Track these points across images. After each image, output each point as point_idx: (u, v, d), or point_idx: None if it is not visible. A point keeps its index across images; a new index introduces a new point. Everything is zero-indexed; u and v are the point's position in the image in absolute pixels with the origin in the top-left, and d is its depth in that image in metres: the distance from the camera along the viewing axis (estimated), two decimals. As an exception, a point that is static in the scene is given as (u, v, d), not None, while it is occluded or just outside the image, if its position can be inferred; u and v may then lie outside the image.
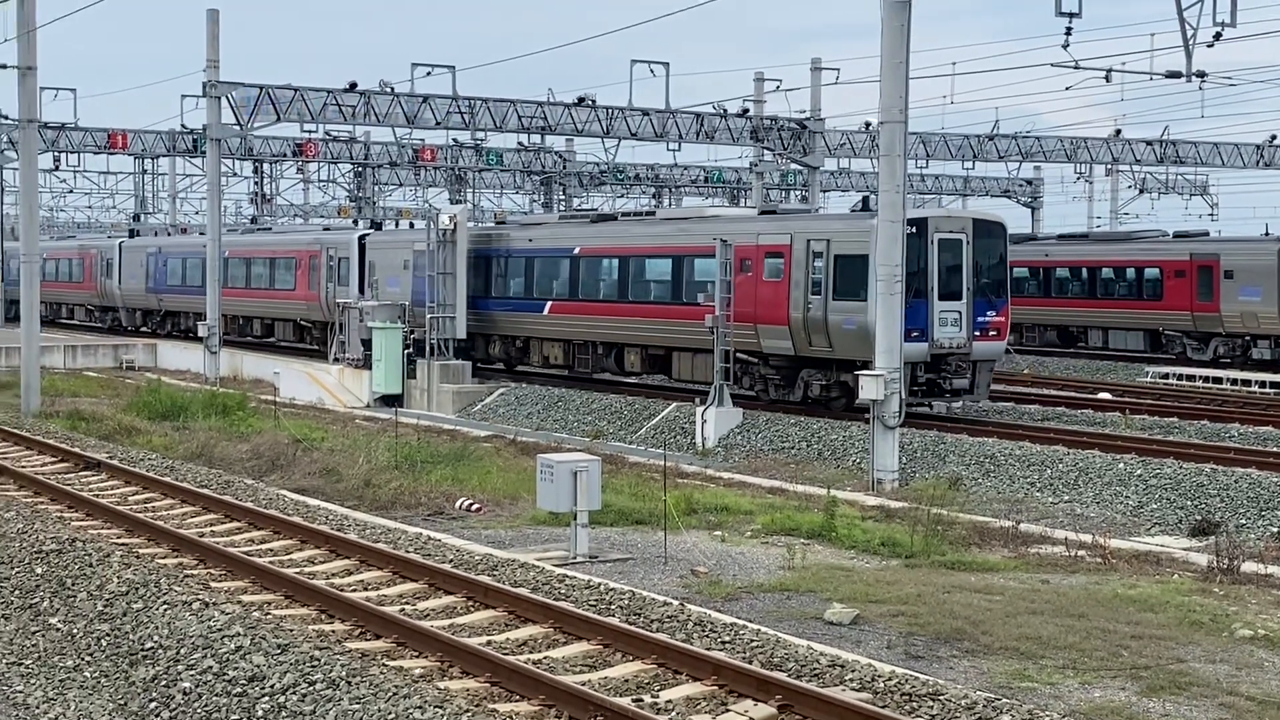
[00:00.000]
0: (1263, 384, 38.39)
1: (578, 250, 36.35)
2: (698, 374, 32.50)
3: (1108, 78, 38.12)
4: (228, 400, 33.26)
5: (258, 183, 64.88)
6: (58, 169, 60.43)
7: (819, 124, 48.85)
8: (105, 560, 15.57)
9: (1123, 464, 23.49)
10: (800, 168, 52.95)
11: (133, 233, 65.12)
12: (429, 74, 42.91)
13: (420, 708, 10.42)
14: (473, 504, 21.56)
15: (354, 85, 42.10)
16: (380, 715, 10.41)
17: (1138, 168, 61.60)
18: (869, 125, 50.55)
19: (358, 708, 10.57)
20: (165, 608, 13.48)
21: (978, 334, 28.82)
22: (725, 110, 47.28)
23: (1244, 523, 20.66)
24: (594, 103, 44.99)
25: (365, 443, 27.39)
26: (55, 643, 13.31)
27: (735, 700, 11.14)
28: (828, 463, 26.67)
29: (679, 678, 11.74)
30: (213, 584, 14.94)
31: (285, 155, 61.04)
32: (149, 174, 71.19)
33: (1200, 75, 36.86)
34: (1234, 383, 39.11)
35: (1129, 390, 37.23)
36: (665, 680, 11.75)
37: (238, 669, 11.63)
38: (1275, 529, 20.25)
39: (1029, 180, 69.78)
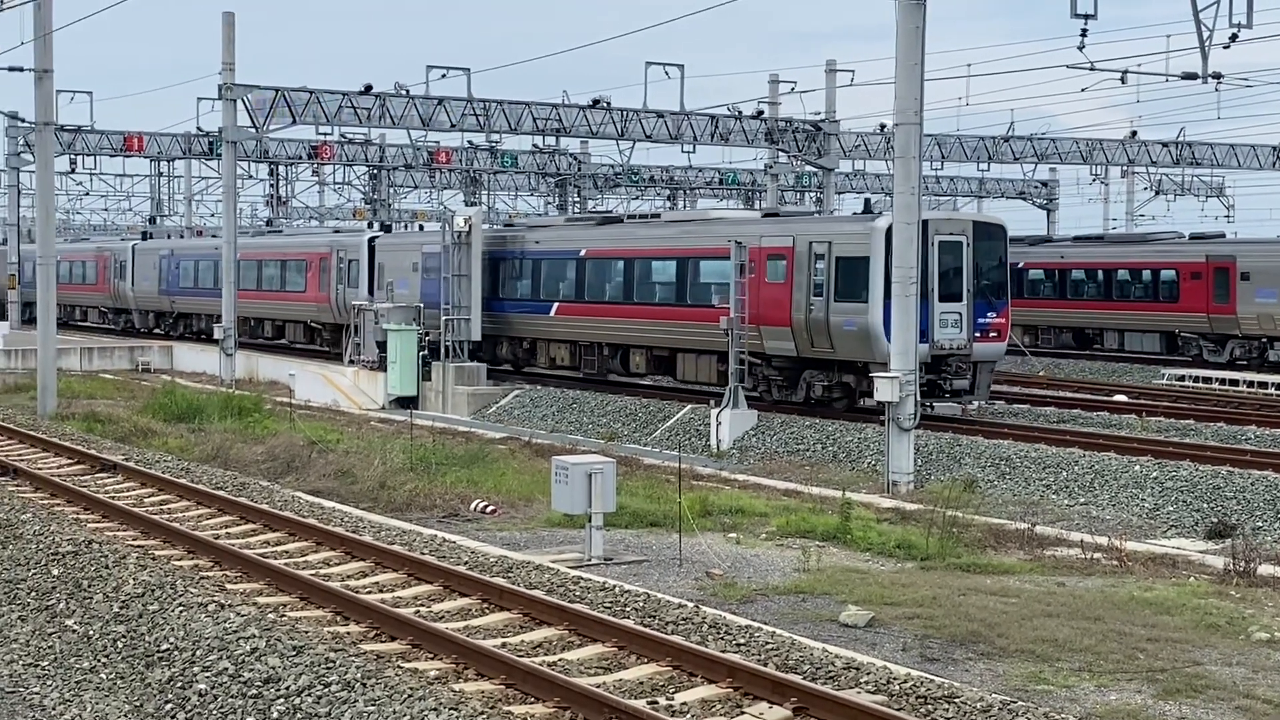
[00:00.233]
0: (1279, 386, 38.27)
1: (584, 252, 36.59)
2: (701, 375, 32.91)
3: (1123, 79, 38.05)
4: (243, 402, 33.33)
5: (273, 185, 64.96)
6: (74, 171, 60.69)
7: (834, 126, 48.80)
8: (121, 562, 15.61)
9: (1139, 466, 23.43)
10: (815, 170, 52.92)
11: (145, 235, 65.32)
12: (444, 76, 42.98)
13: (435, 710, 10.43)
14: (488, 506, 21.58)
15: (369, 88, 42.18)
16: (395, 717, 10.41)
17: (1154, 169, 61.41)
18: (884, 127, 50.48)
19: (373, 709, 10.58)
20: (181, 609, 13.51)
21: (978, 335, 29.03)
22: (740, 112, 47.26)
23: (1260, 525, 20.59)
24: (609, 105, 44.99)
25: (380, 445, 27.42)
26: (71, 644, 13.35)
27: (750, 702, 11.13)
28: (843, 465, 26.65)
29: (694, 680, 11.73)
30: (228, 586, 14.97)
31: (300, 158, 61.11)
32: (165, 176, 71.29)
33: (1216, 77, 36.76)
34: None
35: (1145, 392, 37.13)
36: (680, 682, 11.74)
37: (253, 670, 11.65)
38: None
39: (1044, 182, 69.63)
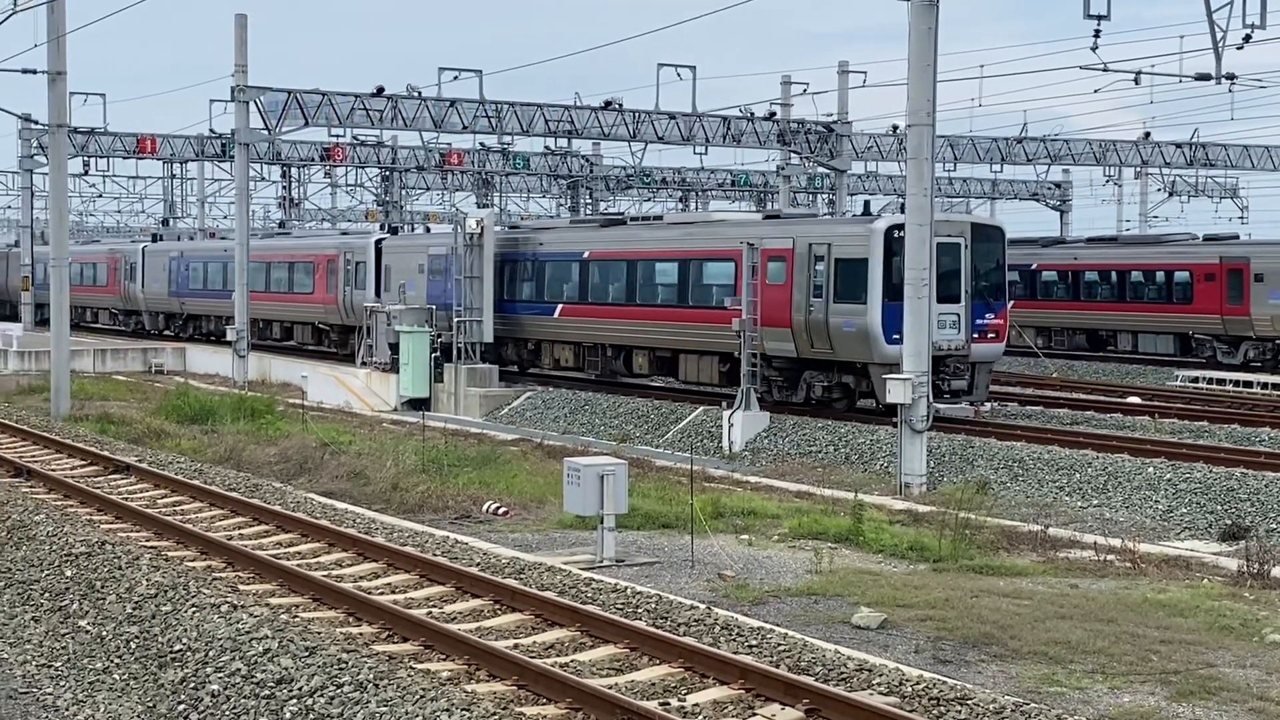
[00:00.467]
0: (1293, 388, 38.19)
1: (587, 254, 36.86)
2: (703, 376, 33.27)
3: (1137, 80, 37.96)
4: (256, 404, 33.38)
5: (286, 187, 65.08)
6: (87, 173, 60.81)
7: (846, 127, 48.78)
8: (134, 563, 15.64)
9: (1152, 468, 23.38)
10: (827, 171, 52.88)
11: (155, 237, 65.58)
12: (456, 78, 43.03)
13: (448, 710, 10.43)
14: (500, 507, 21.58)
15: (381, 90, 42.25)
16: (407, 718, 10.42)
17: (1167, 170, 61.27)
18: (896, 128, 50.44)
19: (385, 710, 10.58)
20: (194, 610, 13.53)
21: (976, 336, 29.28)
22: (752, 113, 47.25)
23: (1274, 527, 20.54)
24: (621, 106, 45.01)
25: (393, 446, 27.44)
26: (85, 645, 13.37)
27: (763, 704, 11.12)
28: (855, 467, 26.62)
29: (706, 681, 11.72)
30: (241, 586, 14.99)
31: (313, 159, 61.22)
32: (178, 178, 71.50)
33: (1230, 77, 36.68)
34: (1265, 386, 38.89)
35: (1158, 394, 37.05)
36: (692, 684, 11.73)
37: (266, 671, 11.66)
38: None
39: (1057, 183, 69.54)
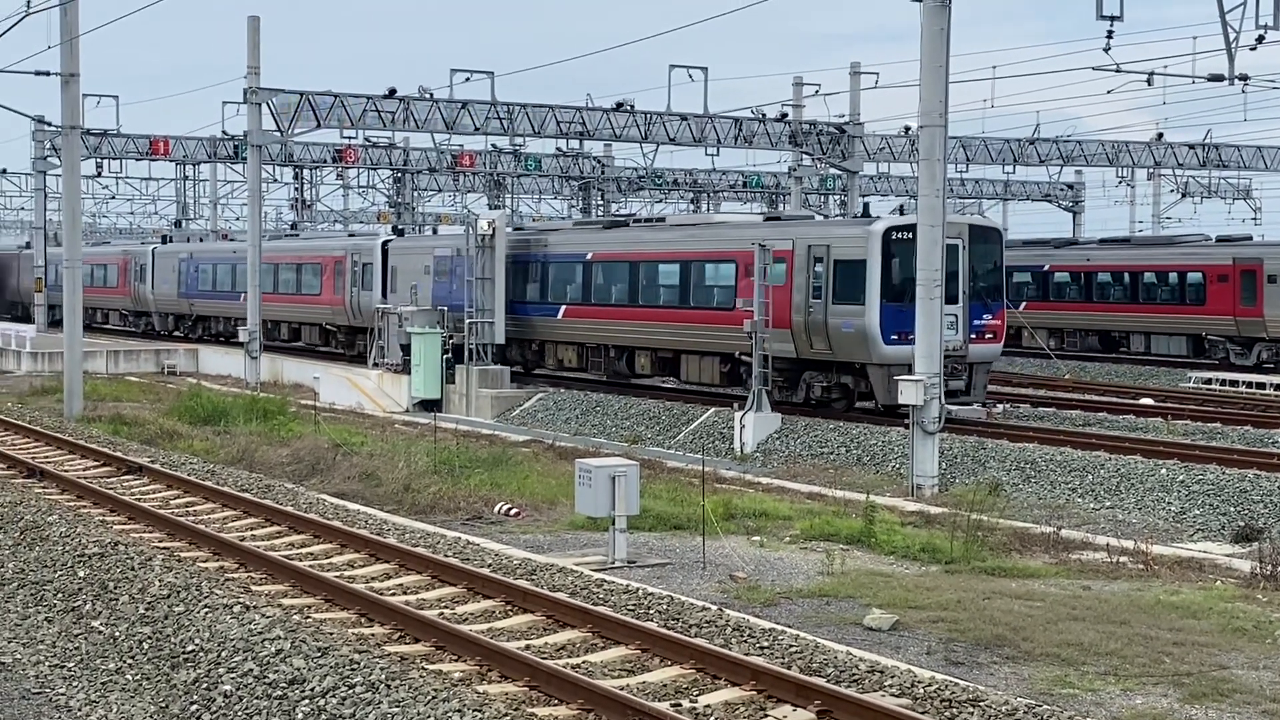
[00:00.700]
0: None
1: (590, 256, 37.09)
2: (704, 376, 33.61)
3: (1149, 81, 37.90)
4: (268, 405, 33.42)
5: (298, 188, 65.15)
6: (100, 175, 61.00)
7: (858, 128, 48.75)
8: (147, 564, 15.67)
9: (1165, 470, 23.33)
10: (839, 172, 52.84)
11: (165, 238, 65.84)
12: (468, 80, 43.10)
13: (459, 711, 10.44)
14: (511, 509, 21.59)
15: (393, 91, 42.30)
16: (419, 718, 10.42)
17: (1180, 172, 61.15)
18: (909, 129, 50.36)
19: (397, 711, 10.59)
20: (206, 611, 13.55)
21: (974, 337, 29.49)
22: (764, 115, 47.22)
23: (1288, 529, 20.47)
24: (632, 108, 45.01)
25: (404, 447, 27.46)
26: (97, 645, 13.40)
27: (774, 705, 11.11)
28: (867, 468, 26.60)
29: (717, 683, 11.72)
30: (253, 587, 15.01)
31: (325, 161, 61.30)
32: (190, 180, 71.65)
33: (1243, 78, 36.53)
34: (1278, 388, 38.77)
35: (1171, 395, 36.96)
36: (704, 685, 11.73)
37: (278, 672, 11.67)
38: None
39: (1070, 184, 69.42)
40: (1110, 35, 30.08)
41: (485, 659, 12.18)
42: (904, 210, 38.24)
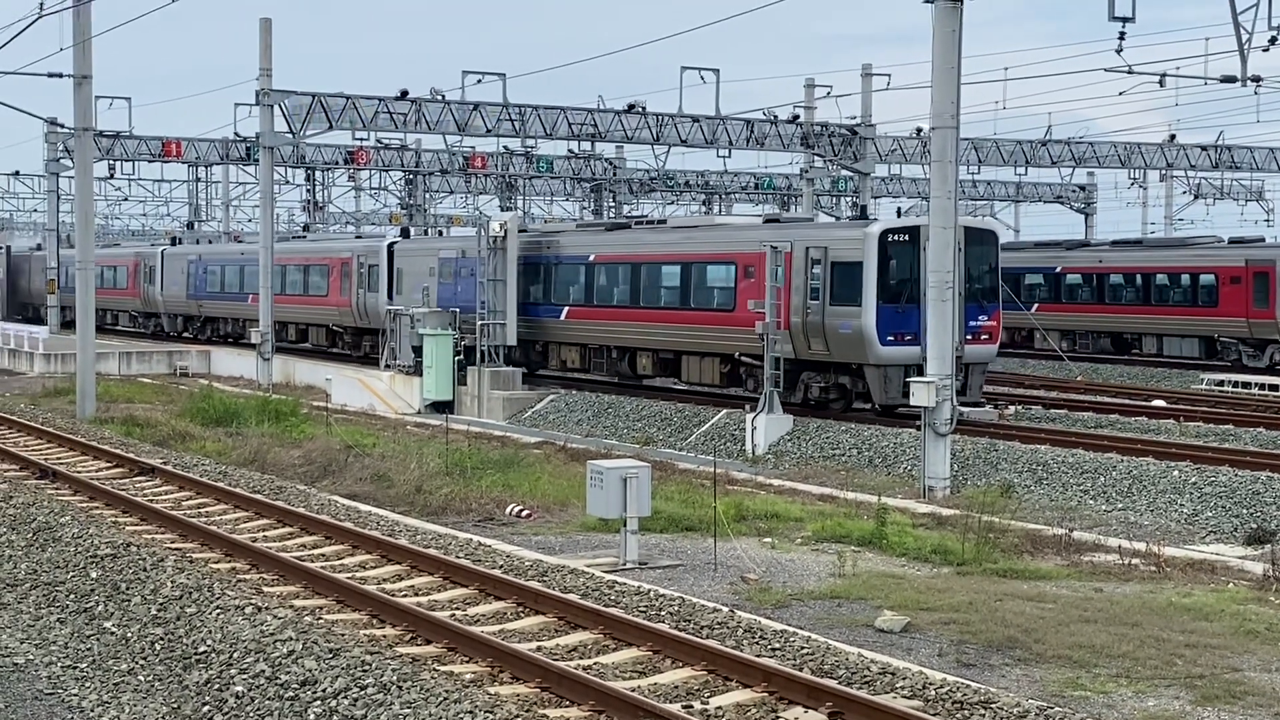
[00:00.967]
0: (1320, 391, 37.98)
1: (593, 257, 37.34)
2: (705, 377, 33.88)
3: (1161, 82, 37.82)
4: (280, 406, 33.47)
5: (310, 190, 65.24)
6: (113, 177, 61.12)
7: (870, 130, 48.70)
8: (159, 565, 15.70)
9: (1177, 472, 23.29)
10: (851, 174, 52.81)
11: (174, 240, 66.04)
12: (479, 81, 43.15)
13: (471, 712, 10.45)
14: (523, 510, 21.60)
15: (405, 93, 42.36)
16: (431, 719, 10.44)
17: (1192, 173, 61.07)
18: (920, 131, 50.36)
19: (408, 712, 10.60)
20: (218, 612, 13.57)
21: (969, 338, 29.64)
22: (775, 116, 47.23)
23: (1301, 531, 20.42)
24: (644, 109, 45.04)
25: (416, 449, 27.49)
26: (110, 646, 13.43)
27: (785, 707, 11.11)
28: (878, 470, 26.59)
29: (729, 684, 11.72)
30: (265, 588, 15.03)
31: (337, 163, 61.38)
32: (202, 182, 71.76)
33: (1256, 80, 36.51)
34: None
35: (1183, 397, 36.89)
36: (715, 687, 11.73)
37: (290, 673, 11.69)
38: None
39: (1082, 186, 69.32)
40: (1122, 36, 30.00)
41: (497, 660, 12.19)
42: (901, 212, 38.36)
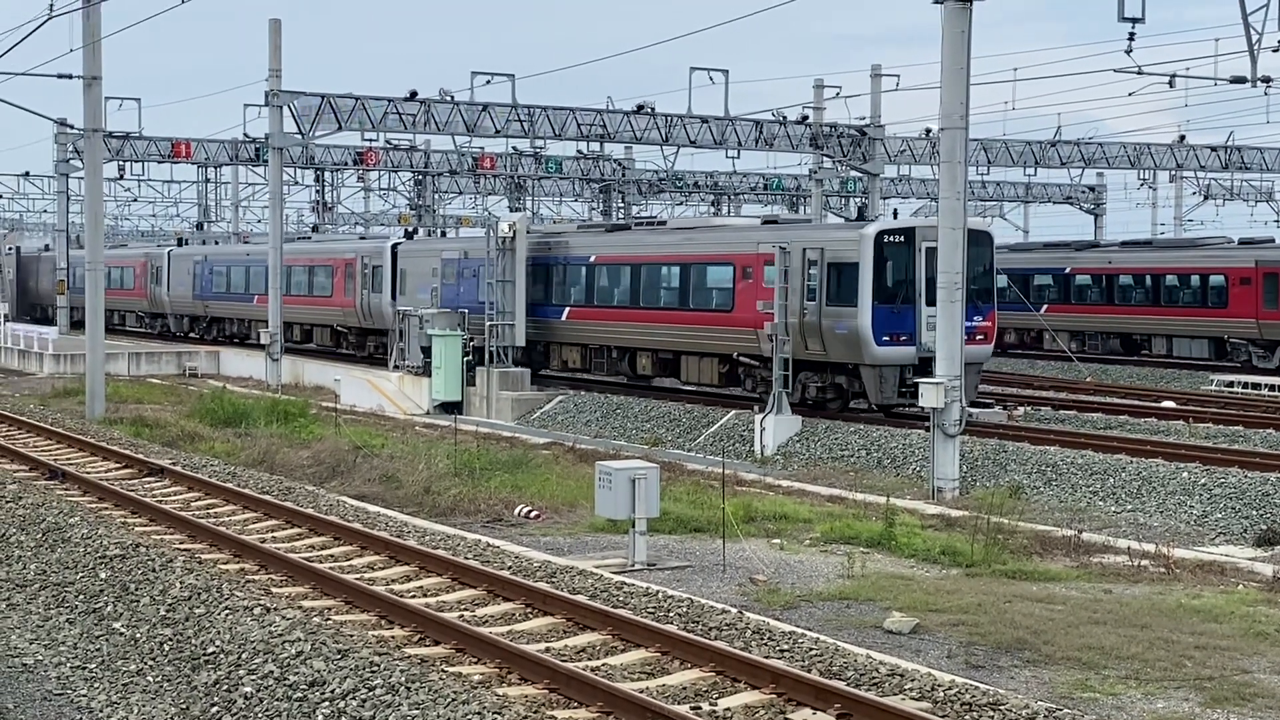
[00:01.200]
0: (1330, 392, 37.89)
1: (593, 258, 37.49)
2: (704, 377, 34.08)
3: (1171, 83, 37.80)
4: (289, 407, 33.49)
5: (319, 191, 65.29)
6: (122, 178, 61.18)
7: (879, 130, 48.68)
8: (168, 565, 15.72)
9: (1187, 473, 23.24)
10: (860, 175, 52.78)
11: (181, 241, 66.20)
12: (488, 82, 43.16)
13: (479, 714, 10.45)
14: (531, 511, 21.60)
15: (414, 94, 42.38)
16: (439, 721, 10.44)
17: (1202, 174, 60.95)
18: (929, 131, 50.31)
19: (417, 713, 10.60)
20: (227, 613, 13.58)
21: (965, 338, 29.30)
22: (784, 117, 47.20)
23: (1311, 533, 20.37)
24: (653, 110, 45.03)
25: (425, 449, 27.50)
26: (118, 647, 13.44)
27: (794, 709, 11.11)
28: (887, 471, 26.57)
29: (737, 686, 11.71)
30: (274, 589, 15.04)
31: (346, 163, 61.41)
32: (212, 182, 71.79)
33: (1265, 80, 36.47)
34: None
35: (1193, 399, 36.83)
36: (723, 688, 11.72)
37: (298, 674, 11.70)
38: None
39: (1092, 187, 69.22)
40: (1132, 37, 29.99)
41: (505, 661, 12.19)
42: (896, 214, 38.44)
